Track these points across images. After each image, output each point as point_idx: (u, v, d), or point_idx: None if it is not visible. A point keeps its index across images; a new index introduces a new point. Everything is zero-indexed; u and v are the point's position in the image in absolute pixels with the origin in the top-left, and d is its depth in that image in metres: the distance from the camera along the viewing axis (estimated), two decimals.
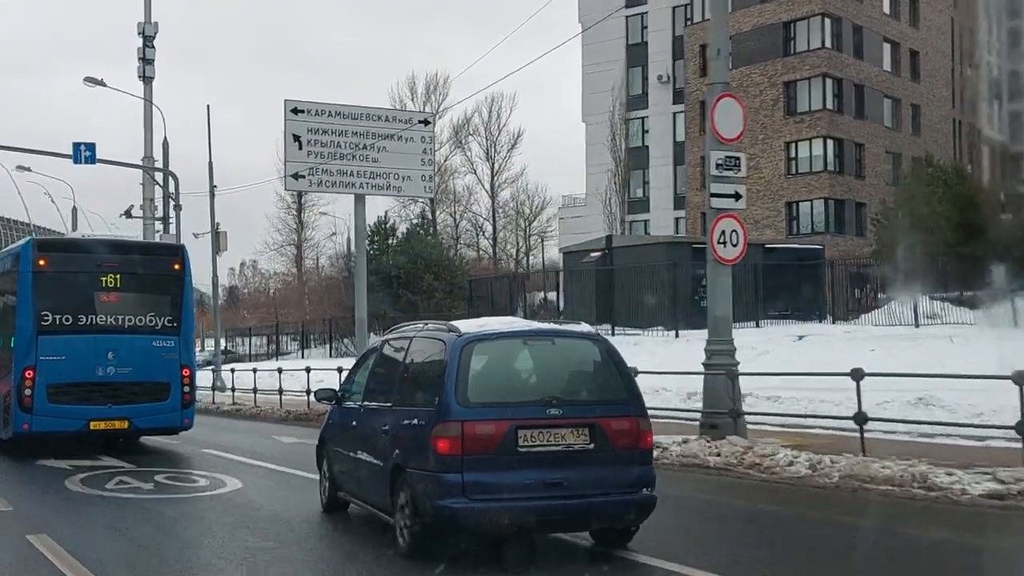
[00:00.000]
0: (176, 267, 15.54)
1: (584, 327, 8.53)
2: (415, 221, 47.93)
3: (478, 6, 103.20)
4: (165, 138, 33.60)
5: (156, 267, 15.55)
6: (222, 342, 46.35)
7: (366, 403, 8.82)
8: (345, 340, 45.42)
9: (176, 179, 32.63)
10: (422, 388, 7.76)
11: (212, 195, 34.12)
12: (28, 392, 14.21)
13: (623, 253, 30.91)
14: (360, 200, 27.69)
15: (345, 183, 26.81)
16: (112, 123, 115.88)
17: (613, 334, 28.03)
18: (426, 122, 27.42)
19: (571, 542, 7.97)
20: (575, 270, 32.36)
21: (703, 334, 14.47)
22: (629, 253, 30.86)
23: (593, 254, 31.75)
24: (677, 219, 53.98)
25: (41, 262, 14.66)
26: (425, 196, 28.15)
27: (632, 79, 56.55)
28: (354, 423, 8.91)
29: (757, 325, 27.18)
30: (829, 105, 46.29)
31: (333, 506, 9.56)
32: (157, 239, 34.19)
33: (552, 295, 37.62)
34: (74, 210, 49.83)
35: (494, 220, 73.25)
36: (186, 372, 15.28)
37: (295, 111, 26.21)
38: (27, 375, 14.25)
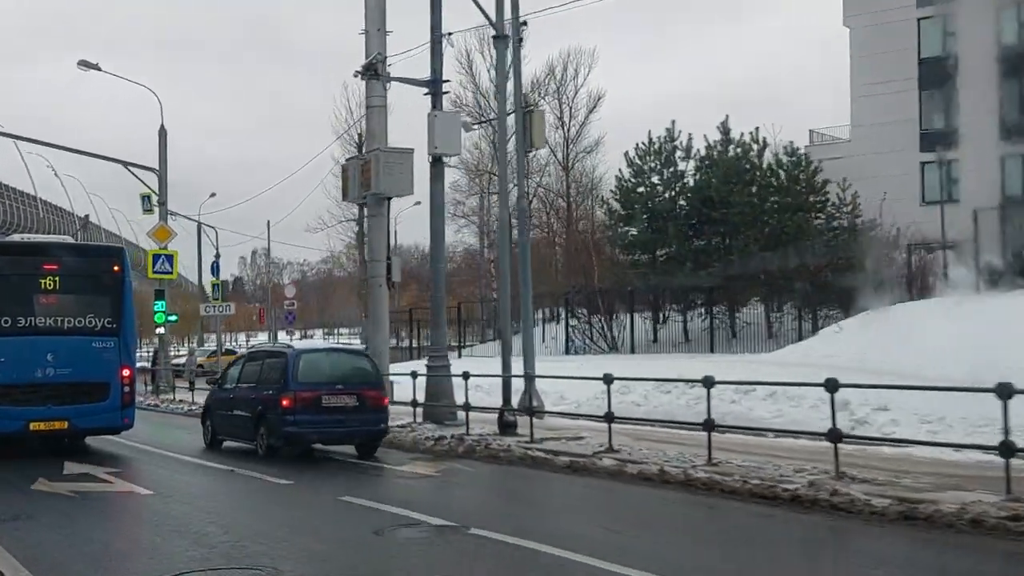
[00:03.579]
0: (115, 269, 15.77)
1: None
2: (713, 144, 30.42)
3: None
4: None
5: (95, 269, 15.79)
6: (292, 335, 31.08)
7: (239, 385, 16.11)
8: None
9: None
10: (274, 376, 14.98)
11: (513, 43, 17.73)
12: None
13: None
14: None
15: None
16: None
17: None
18: None
19: (344, 453, 15.08)
20: None
21: None
22: None
23: None
24: (1004, 157, 38.18)
25: None
26: None
27: None
28: (232, 396, 16.17)
29: None
30: None
31: (212, 444, 16.50)
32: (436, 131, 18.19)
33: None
34: (163, 131, 33.67)
35: (568, 196, 60.94)
36: (126, 372, 15.53)
37: None
38: None
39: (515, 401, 17.44)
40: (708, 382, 11.67)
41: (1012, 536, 8.00)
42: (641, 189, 30.56)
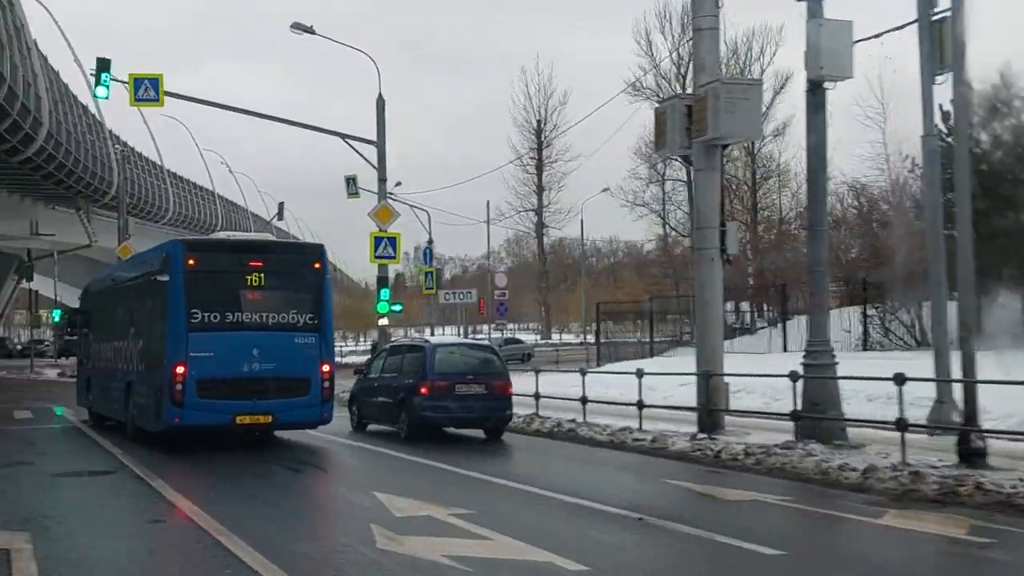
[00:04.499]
0: (316, 265, 16.01)
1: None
2: None
3: None
4: None
5: (297, 266, 16.08)
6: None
7: (382, 375, 18.02)
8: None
9: None
10: (413, 367, 16.90)
11: None
12: (179, 387, 14.56)
13: None
14: None
15: None
16: None
17: None
18: None
19: (473, 436, 16.68)
20: None
21: None
22: None
23: None
24: None
25: (190, 262, 15.06)
26: None
27: None
28: (375, 385, 18.07)
29: None
30: None
31: (358, 427, 18.26)
32: None
33: None
34: (380, 101, 29.85)
35: (754, 184, 56.60)
36: (326, 368, 15.63)
37: None
38: (178, 370, 14.59)
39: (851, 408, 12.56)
40: None
41: None
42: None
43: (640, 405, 16.28)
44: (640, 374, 16.60)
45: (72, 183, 44.32)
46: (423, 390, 16.19)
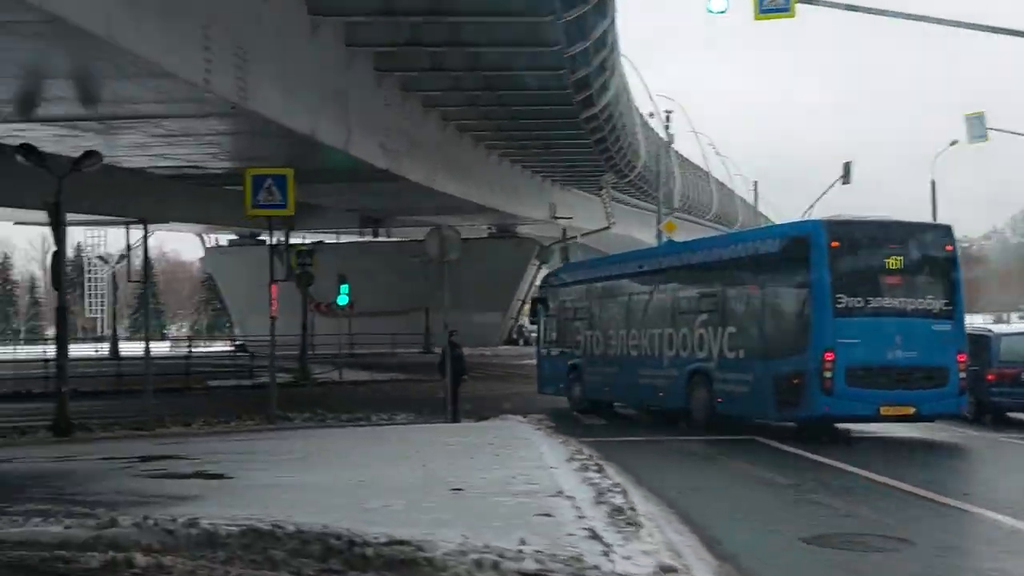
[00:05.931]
0: (948, 248, 15.63)
1: None
2: None
3: None
4: None
5: (931, 249, 15.58)
6: None
7: None
8: None
9: None
10: (979, 354, 16.91)
11: None
12: (829, 375, 14.47)
13: None
14: None
15: None
16: None
17: None
18: None
19: None
20: None
21: None
22: None
23: None
24: None
25: (833, 244, 14.96)
26: None
27: None
28: None
29: None
30: None
31: None
32: None
33: None
34: None
35: None
36: (961, 357, 15.23)
37: None
38: (827, 357, 14.51)
39: None
40: None
41: None
42: None
43: None
44: None
45: (614, 152, 39.97)
46: (989, 376, 17.25)
